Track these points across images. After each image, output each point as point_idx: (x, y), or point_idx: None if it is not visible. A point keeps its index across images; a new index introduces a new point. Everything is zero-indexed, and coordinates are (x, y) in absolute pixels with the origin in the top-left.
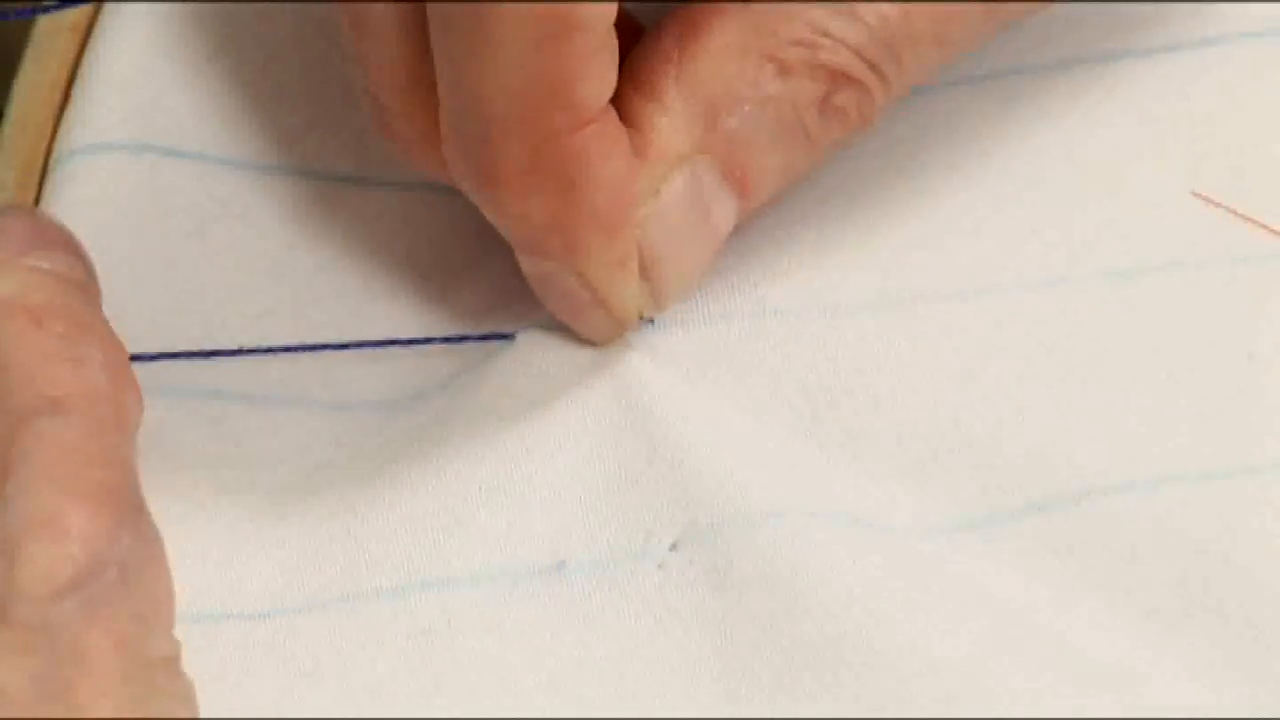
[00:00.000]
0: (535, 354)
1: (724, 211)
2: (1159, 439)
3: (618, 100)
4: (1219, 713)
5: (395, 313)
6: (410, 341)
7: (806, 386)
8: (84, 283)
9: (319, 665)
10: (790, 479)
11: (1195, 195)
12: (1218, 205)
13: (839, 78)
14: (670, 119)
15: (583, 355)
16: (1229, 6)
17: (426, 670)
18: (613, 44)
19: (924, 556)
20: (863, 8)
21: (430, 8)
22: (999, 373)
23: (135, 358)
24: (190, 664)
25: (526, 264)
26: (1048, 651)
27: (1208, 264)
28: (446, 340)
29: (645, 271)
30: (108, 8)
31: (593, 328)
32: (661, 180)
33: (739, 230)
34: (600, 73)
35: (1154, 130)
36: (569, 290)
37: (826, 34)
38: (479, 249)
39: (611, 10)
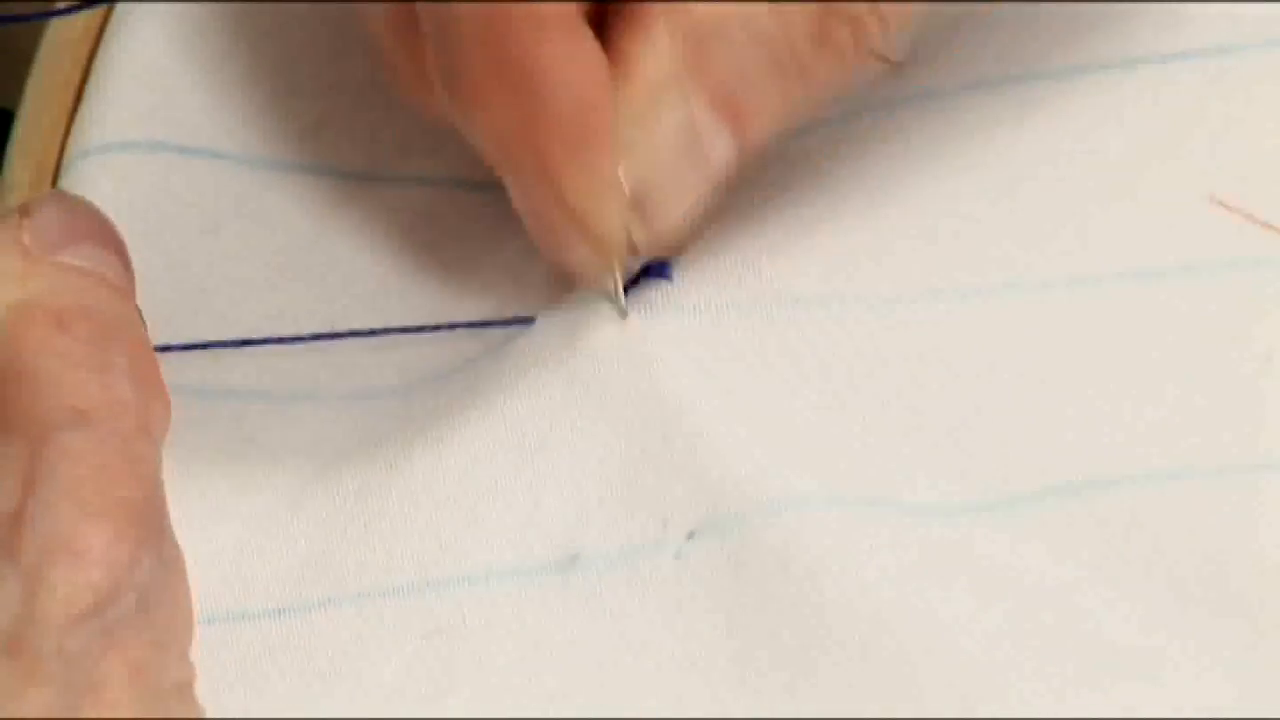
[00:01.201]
0: (550, 343)
1: (719, 145)
2: (1179, 433)
3: (606, 35)
4: (1238, 700)
5: (410, 308)
6: (430, 328)
7: (828, 374)
8: (116, 280)
9: (334, 664)
10: (810, 464)
11: (1212, 200)
12: (1234, 210)
13: (833, 10)
14: (655, 47)
15: (599, 343)
16: (1247, 12)
17: (442, 669)
18: None
19: (944, 542)
20: None
21: None
22: (1020, 367)
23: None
24: (206, 664)
25: (512, 189)
26: (1068, 637)
27: (1225, 267)
28: (468, 325)
29: (635, 201)
30: (120, 7)
31: (578, 258)
32: (647, 107)
33: (757, 220)
34: None
35: (1172, 134)
36: (548, 210)
37: None
38: (494, 245)
39: None
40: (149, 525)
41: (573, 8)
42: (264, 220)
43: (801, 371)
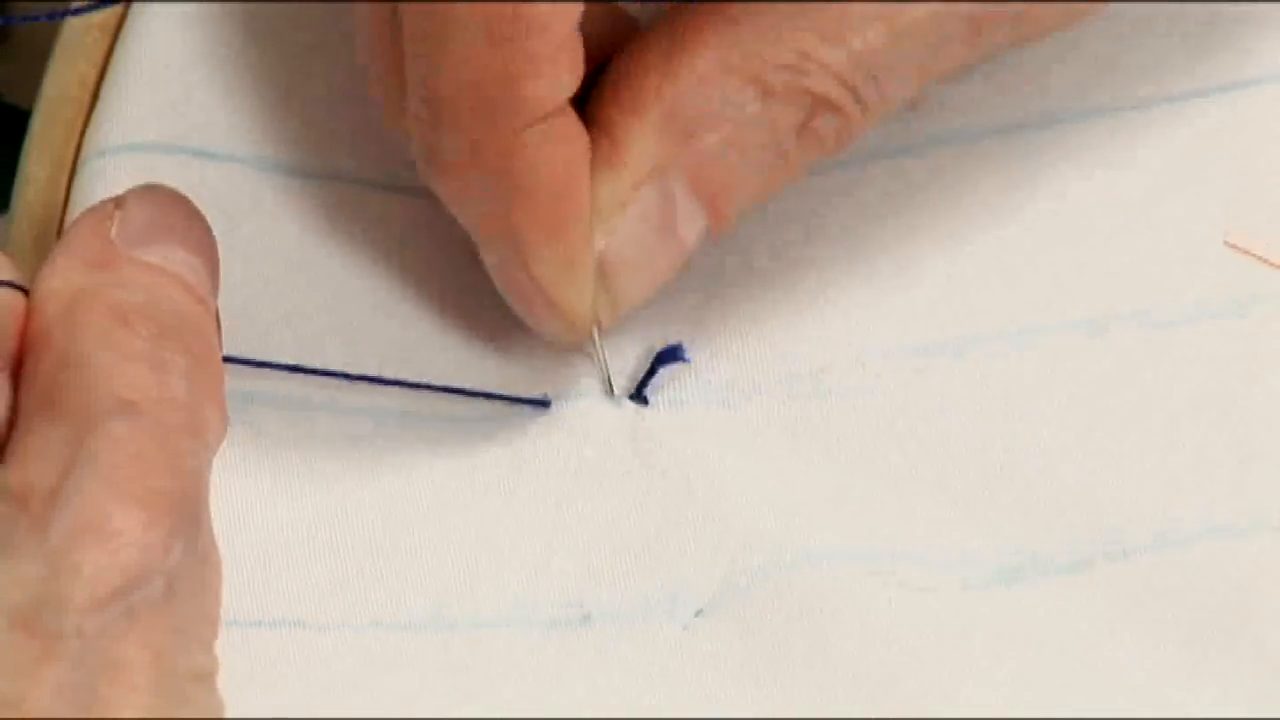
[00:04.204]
0: (570, 414)
1: (691, 227)
2: (1200, 488)
3: (598, 108)
4: None
5: (423, 315)
6: (445, 389)
7: (848, 431)
8: (195, 283)
9: (344, 681)
10: (830, 521)
11: (1228, 243)
12: (1249, 254)
13: (820, 103)
14: (646, 132)
15: (618, 415)
16: (1258, 49)
17: (449, 701)
18: (573, 47)
19: (962, 602)
20: (849, 35)
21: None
22: (1040, 417)
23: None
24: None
25: (483, 254)
26: (1087, 692)
27: (1242, 308)
28: (489, 396)
29: (604, 277)
30: (136, 7)
31: (546, 328)
32: (630, 191)
33: (772, 280)
34: (553, 74)
35: (1185, 175)
36: (521, 286)
37: (812, 59)
38: None
39: (572, 14)
40: (183, 515)
41: (556, 93)
42: (278, 223)
43: (823, 431)
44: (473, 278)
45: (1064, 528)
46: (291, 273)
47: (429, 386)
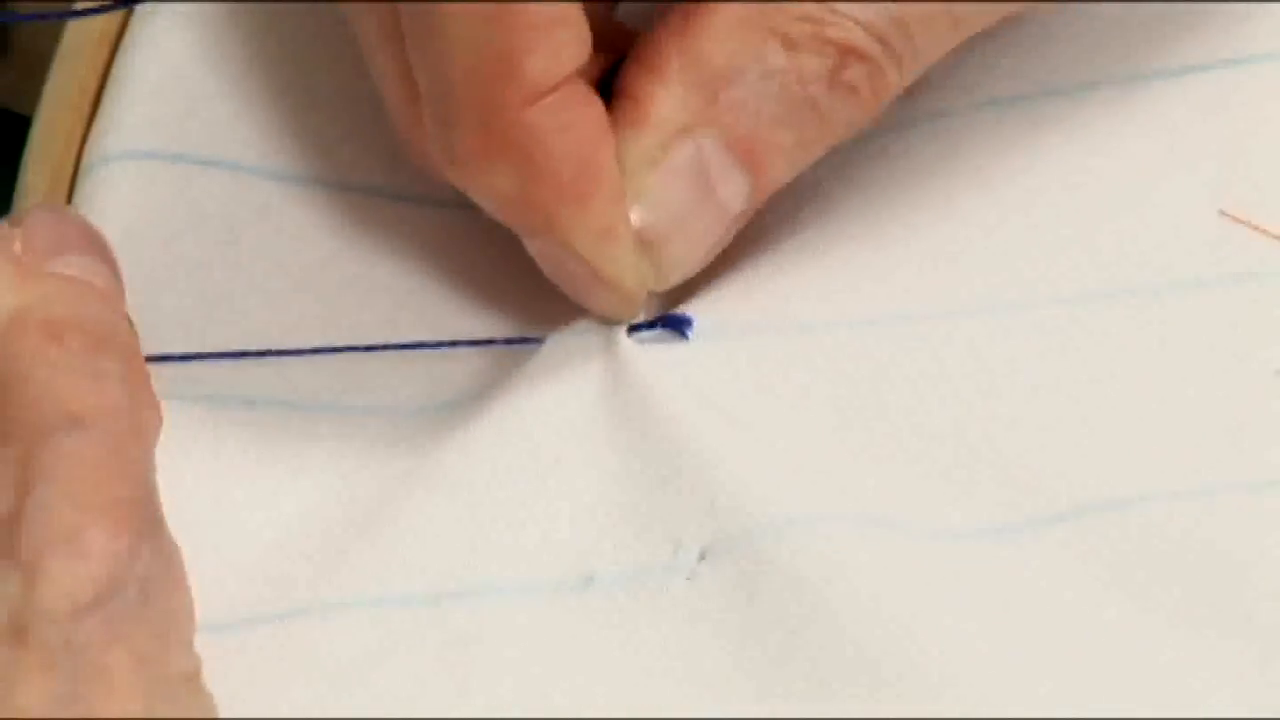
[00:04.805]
0: (563, 366)
1: (733, 187)
2: (1187, 452)
3: (622, 75)
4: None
5: (427, 326)
6: (440, 344)
7: (835, 398)
8: (107, 289)
9: (348, 669)
10: (819, 486)
11: (1222, 213)
12: (1244, 223)
13: (848, 52)
14: (668, 90)
15: (611, 366)
16: (1257, 26)
17: (456, 679)
18: (572, 16)
19: (953, 561)
20: None
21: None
22: (1027, 386)
23: (165, 358)
24: (220, 668)
25: (527, 244)
26: (1080, 655)
27: (1235, 281)
28: (476, 344)
29: (646, 245)
30: (138, 14)
31: (600, 303)
32: (659, 151)
33: (767, 245)
34: (554, 46)
35: (1181, 149)
36: (567, 266)
37: (834, 9)
38: (512, 266)
39: None
40: (145, 520)
41: (558, 66)
42: (283, 233)
43: (810, 396)
44: (481, 288)
45: (1052, 489)
46: (295, 282)
47: (421, 345)
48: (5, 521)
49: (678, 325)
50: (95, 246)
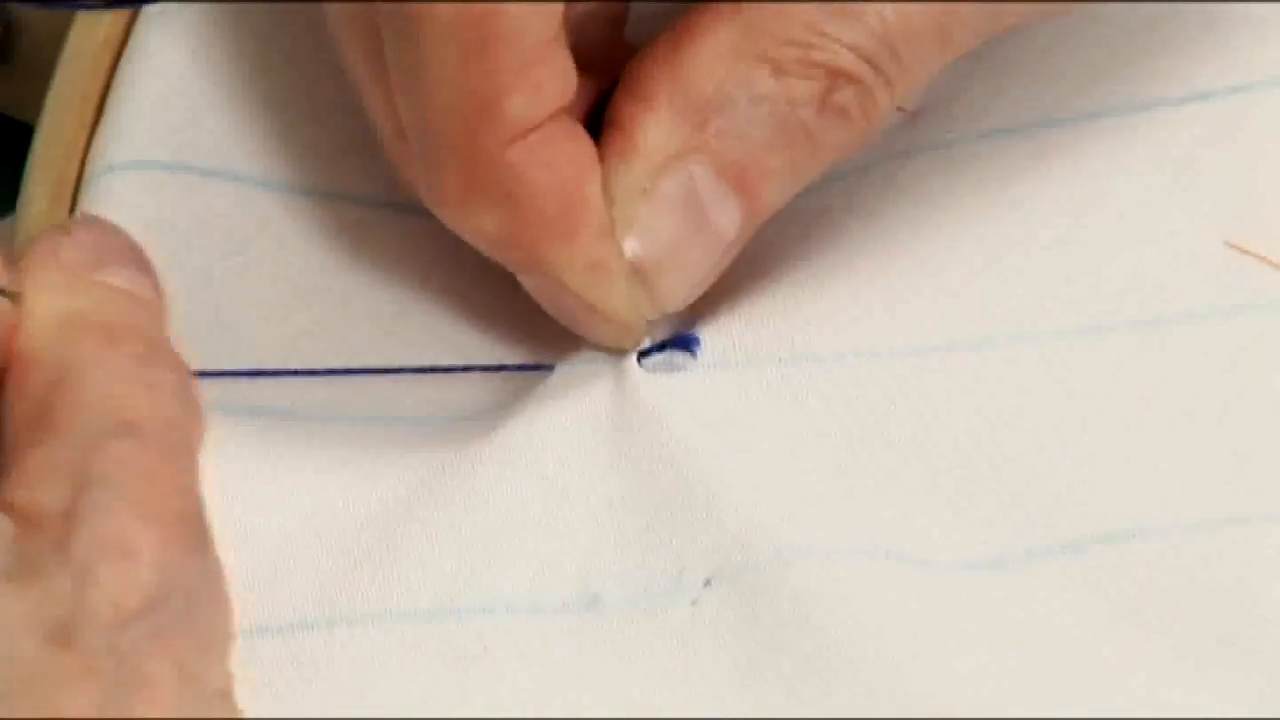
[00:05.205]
0: (573, 389)
1: (726, 214)
2: (1192, 485)
3: (611, 105)
4: None
5: (431, 338)
6: (453, 369)
7: (842, 429)
8: (153, 301)
9: (354, 682)
10: (825, 515)
11: (1228, 244)
12: (1250, 254)
13: (837, 75)
14: (658, 118)
15: (621, 392)
16: (1261, 53)
17: (460, 695)
18: (553, 55)
19: (958, 592)
20: (859, 7)
21: (385, 44)
22: (1033, 418)
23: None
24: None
25: (521, 281)
26: (1083, 688)
27: (1241, 312)
28: (488, 369)
29: (640, 275)
30: (142, 23)
31: (599, 334)
32: (650, 180)
33: (773, 276)
34: (534, 86)
35: (1186, 179)
36: (562, 299)
37: (821, 33)
38: (514, 278)
39: (545, 22)
40: (195, 531)
41: (539, 106)
42: (286, 244)
43: (818, 426)
44: (483, 299)
45: (1057, 521)
46: (298, 292)
47: (431, 369)
48: (58, 518)
49: (686, 345)
50: (139, 261)
